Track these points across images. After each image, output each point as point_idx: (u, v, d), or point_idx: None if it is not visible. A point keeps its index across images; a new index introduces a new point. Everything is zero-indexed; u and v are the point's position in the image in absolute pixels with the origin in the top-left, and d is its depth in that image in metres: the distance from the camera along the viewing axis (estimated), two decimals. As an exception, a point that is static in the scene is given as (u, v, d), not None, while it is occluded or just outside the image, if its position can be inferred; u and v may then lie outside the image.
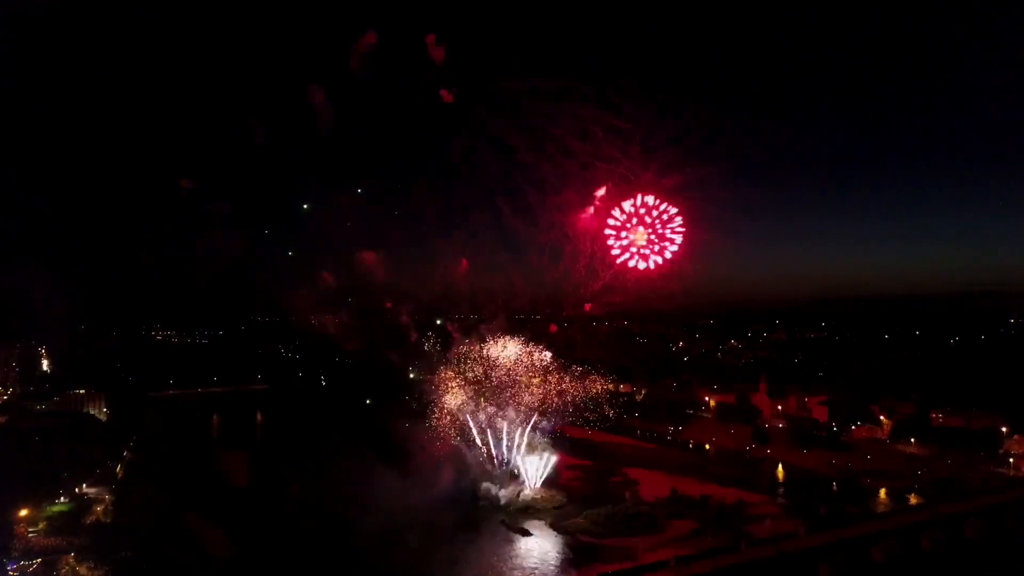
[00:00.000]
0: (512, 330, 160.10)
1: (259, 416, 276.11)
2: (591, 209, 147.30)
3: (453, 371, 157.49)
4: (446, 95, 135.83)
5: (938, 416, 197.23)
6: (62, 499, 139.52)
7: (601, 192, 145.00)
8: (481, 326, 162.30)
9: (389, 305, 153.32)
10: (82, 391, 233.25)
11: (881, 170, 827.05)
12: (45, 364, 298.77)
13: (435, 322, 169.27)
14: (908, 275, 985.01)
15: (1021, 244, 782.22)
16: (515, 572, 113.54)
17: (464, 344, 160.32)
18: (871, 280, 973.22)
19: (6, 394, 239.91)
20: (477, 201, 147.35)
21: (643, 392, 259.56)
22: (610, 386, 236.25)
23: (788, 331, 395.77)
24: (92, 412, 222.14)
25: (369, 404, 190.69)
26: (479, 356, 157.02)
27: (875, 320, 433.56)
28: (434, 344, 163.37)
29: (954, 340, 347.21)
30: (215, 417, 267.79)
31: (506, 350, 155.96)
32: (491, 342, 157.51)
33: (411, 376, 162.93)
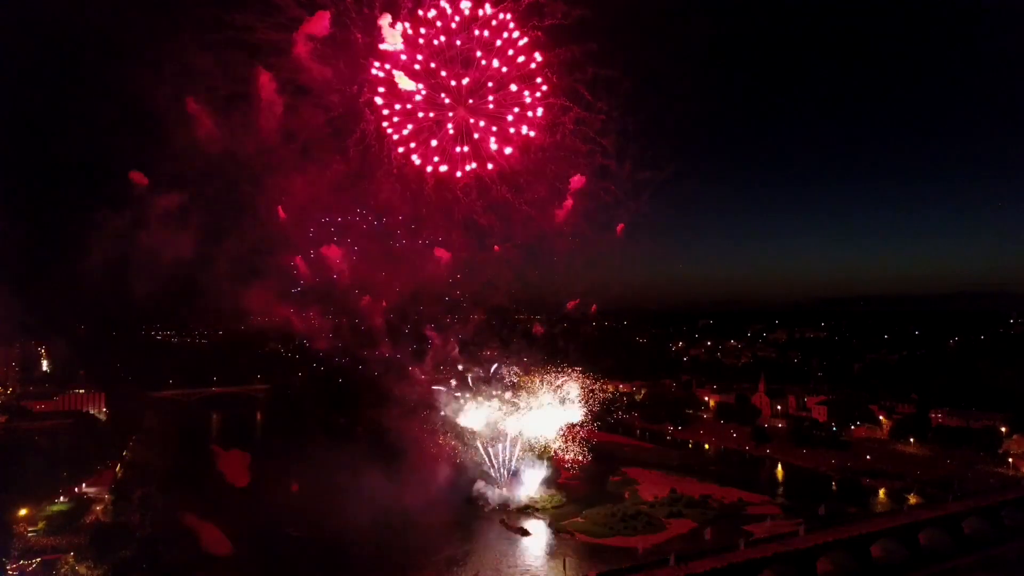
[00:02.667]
0: (492, 329, 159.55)
1: (259, 416, 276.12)
2: (568, 203, 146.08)
3: (439, 372, 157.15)
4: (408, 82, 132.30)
5: (938, 416, 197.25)
6: (62, 499, 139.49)
7: (576, 185, 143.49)
8: (459, 326, 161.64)
9: (365, 303, 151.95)
10: (82, 391, 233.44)
11: (881, 170, 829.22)
12: (45, 364, 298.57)
13: (412, 322, 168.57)
14: (908, 275, 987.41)
15: (1021, 244, 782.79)
16: (514, 572, 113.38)
17: (445, 344, 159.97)
18: (871, 280, 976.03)
19: (6, 394, 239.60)
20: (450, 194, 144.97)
21: (643, 392, 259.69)
22: (610, 387, 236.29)
23: (788, 331, 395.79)
24: (92, 412, 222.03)
25: (353, 406, 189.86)
26: (463, 357, 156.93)
27: (875, 320, 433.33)
28: (413, 345, 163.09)
29: (954, 340, 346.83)
30: (215, 417, 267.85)
31: (492, 351, 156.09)
32: (474, 342, 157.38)
33: (393, 377, 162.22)
